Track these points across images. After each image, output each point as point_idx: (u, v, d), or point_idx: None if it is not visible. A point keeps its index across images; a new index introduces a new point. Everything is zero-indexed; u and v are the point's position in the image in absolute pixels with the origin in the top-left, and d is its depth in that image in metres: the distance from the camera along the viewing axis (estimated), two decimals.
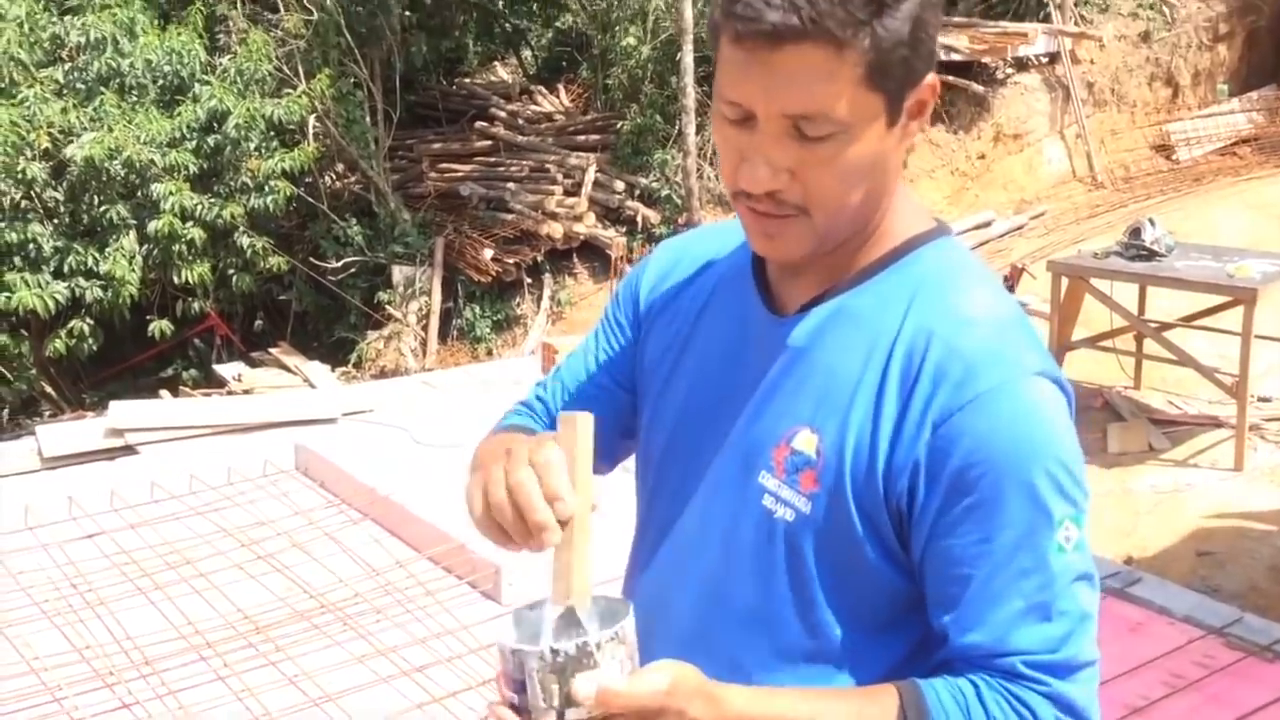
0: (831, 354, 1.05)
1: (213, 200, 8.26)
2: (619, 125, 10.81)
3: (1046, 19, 11.17)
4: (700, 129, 10.13)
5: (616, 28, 11.20)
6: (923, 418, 0.99)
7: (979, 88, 10.60)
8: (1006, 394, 0.98)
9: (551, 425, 1.25)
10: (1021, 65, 10.93)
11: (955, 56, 10.41)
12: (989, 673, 0.99)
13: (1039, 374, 1.00)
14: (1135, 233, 6.17)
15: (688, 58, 9.53)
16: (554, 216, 9.84)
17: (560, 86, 12.81)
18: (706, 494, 1.12)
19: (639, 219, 10.09)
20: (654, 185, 10.27)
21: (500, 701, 0.93)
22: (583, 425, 0.98)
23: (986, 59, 10.69)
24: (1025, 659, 0.98)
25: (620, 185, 10.30)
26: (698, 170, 9.93)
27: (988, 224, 9.85)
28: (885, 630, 1.06)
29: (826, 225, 1.02)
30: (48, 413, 9.06)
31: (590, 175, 10.32)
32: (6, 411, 8.91)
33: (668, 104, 10.57)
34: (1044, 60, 10.99)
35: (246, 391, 8.19)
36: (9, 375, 8.41)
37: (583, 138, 11.19)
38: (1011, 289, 8.14)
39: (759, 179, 0.99)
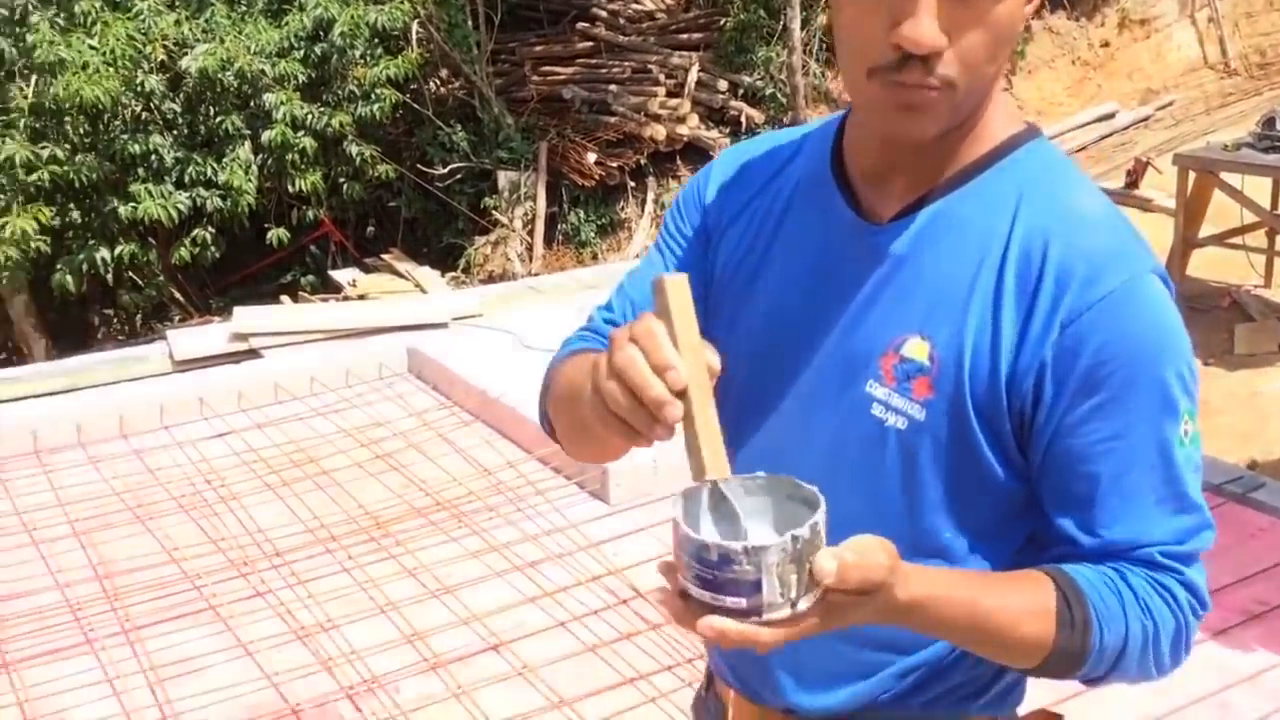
0: (938, 260, 1.04)
1: (322, 109, 8.39)
2: (721, 22, 10.56)
3: None
4: (805, 24, 9.85)
5: None
6: (1049, 318, 0.99)
7: None
8: (1134, 292, 0.98)
9: None
10: None
11: None
12: (1129, 562, 1.01)
13: (1155, 272, 1.01)
14: (1269, 123, 5.84)
15: None
16: (656, 118, 9.74)
17: None
18: (803, 407, 1.10)
19: (743, 119, 9.92)
20: (758, 84, 10.05)
21: (715, 612, 0.85)
22: (675, 287, 0.89)
23: None
24: (1162, 549, 1.01)
25: (723, 85, 10.11)
26: (803, 67, 9.67)
27: (1111, 115, 9.41)
28: (993, 533, 1.06)
29: (965, 96, 0.99)
30: (177, 317, 9.45)
31: (693, 75, 10.15)
32: (139, 316, 9.33)
33: None
34: None
35: (361, 296, 8.40)
36: (140, 282, 8.78)
37: (685, 36, 10.97)
38: (1135, 184, 7.81)
39: (925, 33, 0.93)
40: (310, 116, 8.22)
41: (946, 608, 0.96)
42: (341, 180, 8.95)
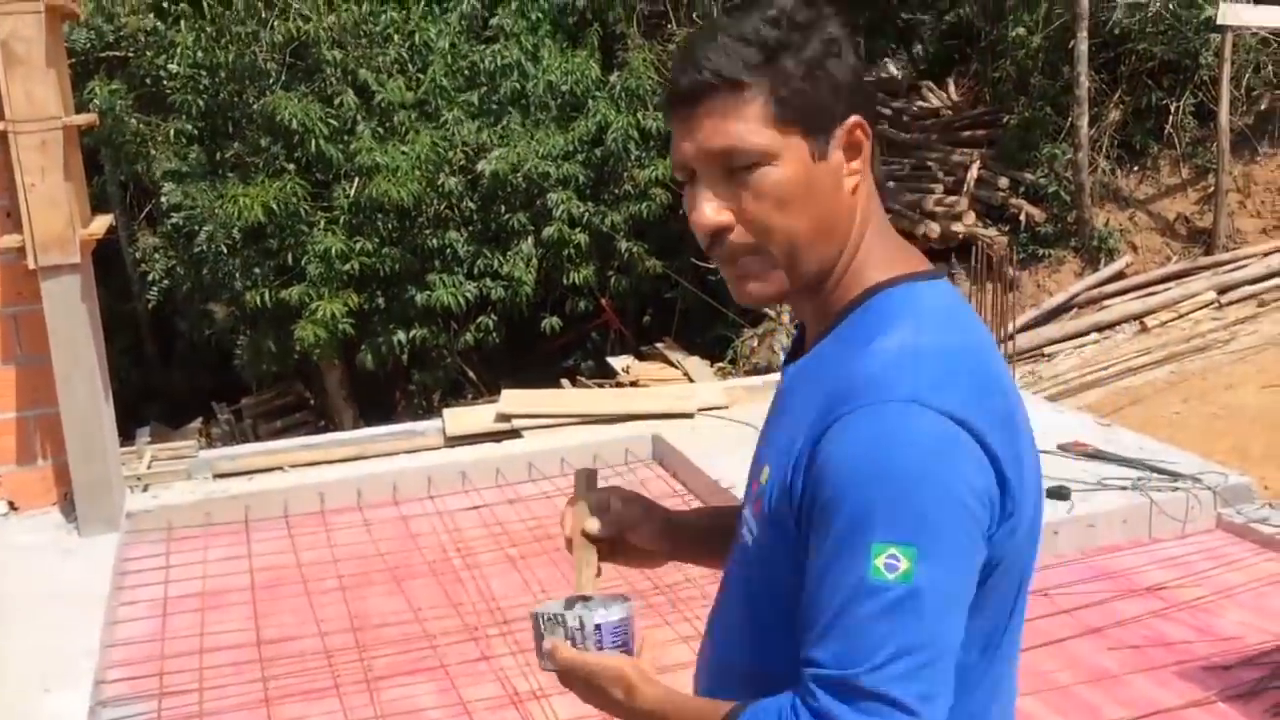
0: (796, 399, 1.14)
1: (598, 208, 8.97)
2: (1005, 119, 10.39)
3: None
4: (1094, 121, 9.51)
5: (1009, 17, 10.75)
6: (812, 442, 1.05)
7: None
8: (859, 419, 1.01)
9: None
10: None
11: None
12: (796, 685, 1.03)
13: (912, 401, 1.00)
14: None
15: (1082, 45, 8.99)
16: (931, 216, 9.67)
17: (950, 81, 12.49)
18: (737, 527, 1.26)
19: (1022, 217, 9.66)
20: (1041, 181, 9.78)
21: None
22: (576, 477, 1.42)
23: None
24: (814, 673, 1.01)
25: (1004, 182, 9.91)
26: (1090, 164, 9.33)
27: None
28: None
29: (784, 254, 1.09)
30: (470, 395, 10.26)
31: (973, 172, 10.02)
32: (437, 394, 10.21)
33: (1059, 95, 10.01)
34: None
35: (633, 383, 8.82)
36: (434, 361, 9.63)
37: (968, 133, 10.87)
38: None
39: (705, 214, 1.09)
40: (586, 215, 8.81)
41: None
42: (609, 274, 9.49)
